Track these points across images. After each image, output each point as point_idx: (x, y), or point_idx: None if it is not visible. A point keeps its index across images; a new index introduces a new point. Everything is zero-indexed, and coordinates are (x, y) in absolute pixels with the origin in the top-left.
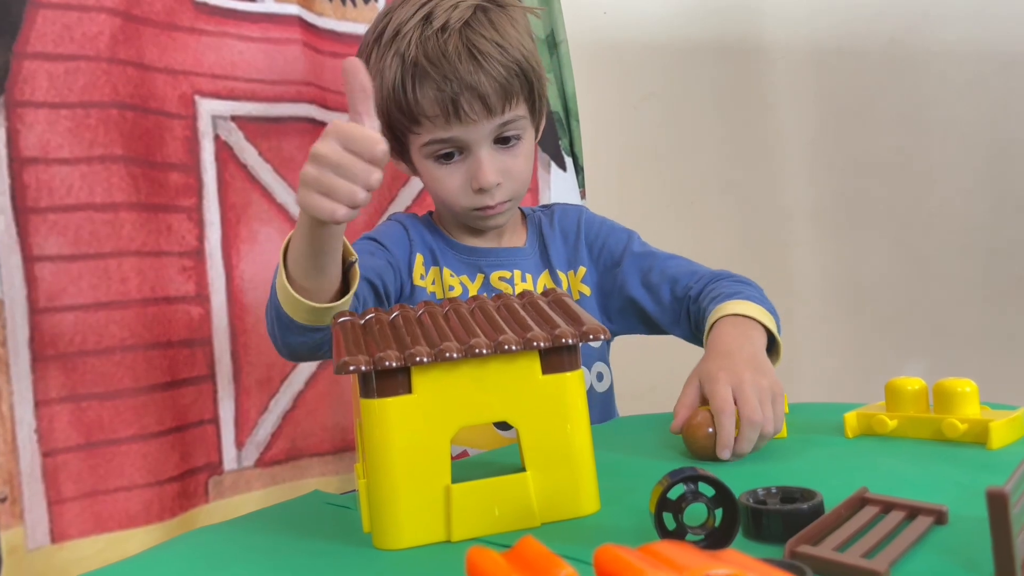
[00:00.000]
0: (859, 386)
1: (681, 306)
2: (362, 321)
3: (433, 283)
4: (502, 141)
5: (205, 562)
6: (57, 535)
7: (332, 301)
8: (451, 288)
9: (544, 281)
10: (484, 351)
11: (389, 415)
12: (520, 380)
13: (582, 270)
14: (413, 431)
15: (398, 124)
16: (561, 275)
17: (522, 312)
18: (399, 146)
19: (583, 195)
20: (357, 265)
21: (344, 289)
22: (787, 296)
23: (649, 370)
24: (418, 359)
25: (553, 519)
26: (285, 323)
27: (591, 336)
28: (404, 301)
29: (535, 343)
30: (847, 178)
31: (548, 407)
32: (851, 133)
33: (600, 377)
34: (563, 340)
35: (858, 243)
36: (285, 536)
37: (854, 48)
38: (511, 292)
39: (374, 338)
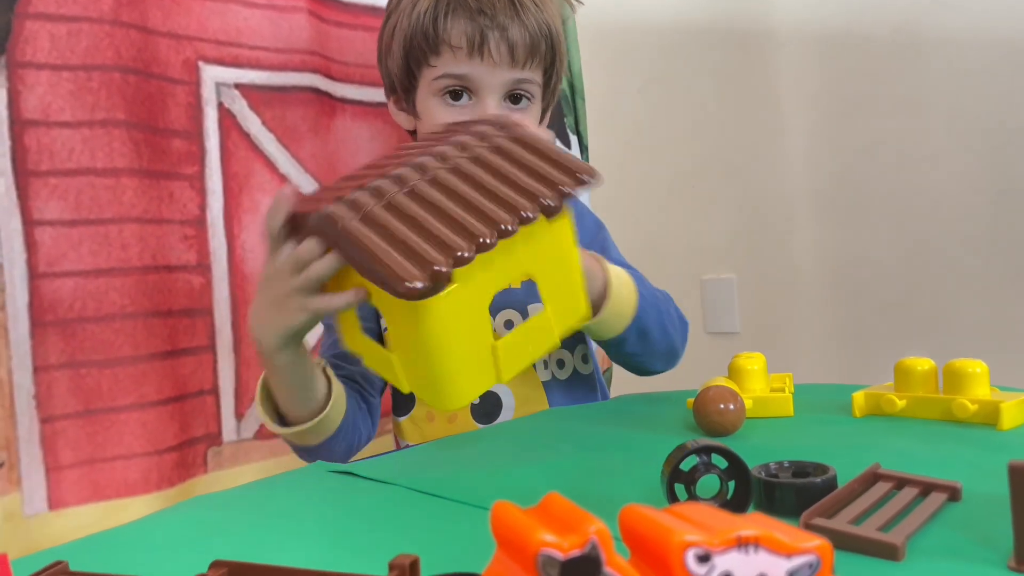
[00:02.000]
0: (859, 371)
1: None
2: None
3: None
4: (512, 100)
5: (208, 527)
6: (55, 502)
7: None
8: None
9: None
10: (510, 228)
11: (442, 310)
12: (534, 234)
13: None
14: (460, 315)
15: (417, 54)
16: None
17: (502, 169)
18: (409, 83)
19: None
20: (328, 368)
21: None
22: (787, 281)
23: None
24: (465, 255)
25: (562, 330)
26: (303, 451)
27: (585, 177)
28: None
29: (546, 202)
30: (849, 164)
31: (555, 247)
32: (854, 119)
33: (584, 359)
34: (567, 192)
35: (859, 229)
36: (289, 503)
37: (860, 34)
38: None
39: (394, 240)
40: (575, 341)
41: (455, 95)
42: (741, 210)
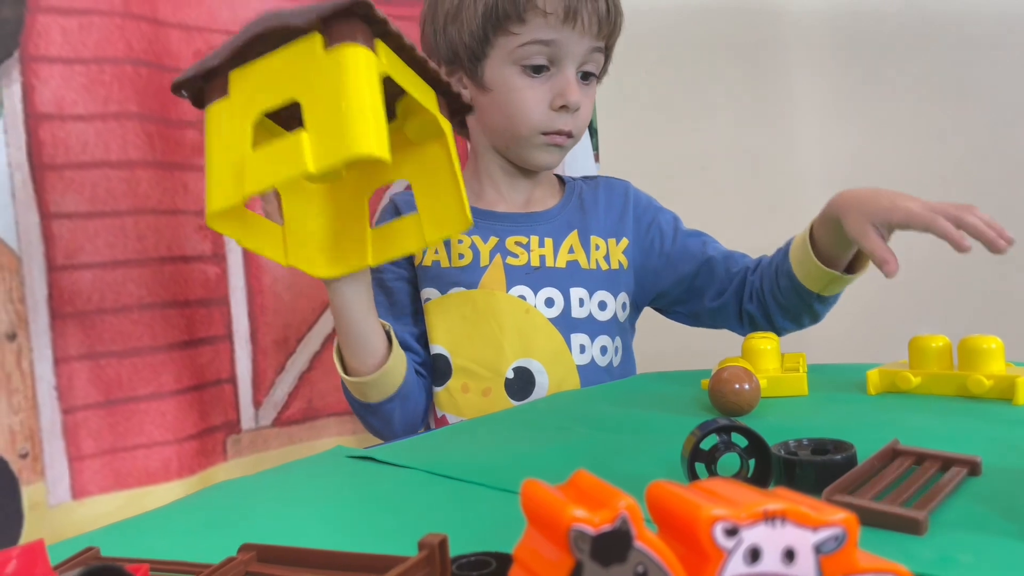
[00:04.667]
0: (872, 350)
1: (732, 280)
2: None
3: (436, 252)
4: (583, 77)
5: (234, 513)
6: (78, 491)
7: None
8: (460, 256)
9: (571, 243)
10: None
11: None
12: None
13: (624, 241)
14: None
15: (500, 20)
16: (599, 240)
17: None
18: (482, 51)
19: (596, 158)
20: (392, 332)
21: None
22: None
23: (658, 341)
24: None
25: (321, 163)
26: (359, 408)
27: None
28: (415, 285)
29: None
30: (861, 142)
31: (332, 79)
32: (866, 96)
33: (603, 351)
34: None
35: None
36: (311, 488)
37: (871, 9)
38: (526, 258)
39: None
40: (597, 331)
41: (536, 69)
42: (752, 191)
